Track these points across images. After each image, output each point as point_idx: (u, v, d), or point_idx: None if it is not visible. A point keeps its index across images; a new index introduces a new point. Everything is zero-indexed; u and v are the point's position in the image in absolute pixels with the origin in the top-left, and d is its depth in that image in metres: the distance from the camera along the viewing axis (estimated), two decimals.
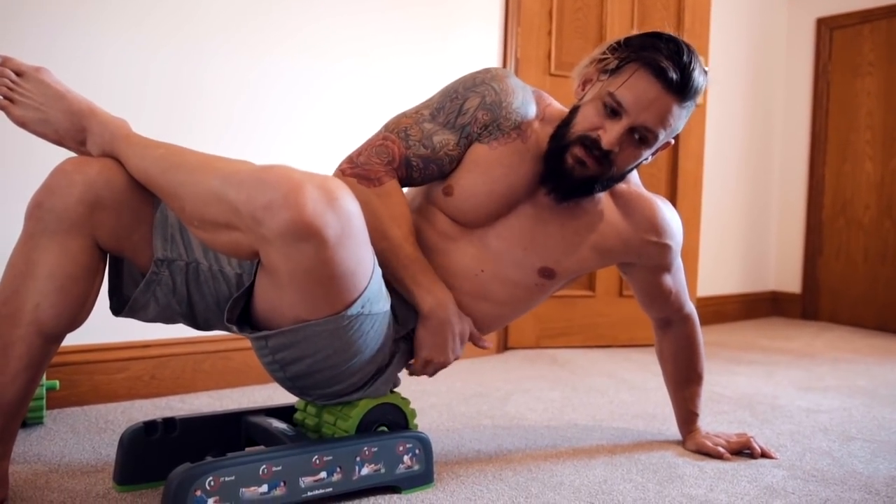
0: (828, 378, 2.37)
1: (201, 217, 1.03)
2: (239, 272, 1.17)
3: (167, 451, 1.25)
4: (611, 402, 1.96)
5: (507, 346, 2.68)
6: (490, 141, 1.26)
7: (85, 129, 1.13)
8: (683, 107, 1.20)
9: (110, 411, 1.69)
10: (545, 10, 2.64)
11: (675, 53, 1.17)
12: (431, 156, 1.25)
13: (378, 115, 2.20)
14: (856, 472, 1.44)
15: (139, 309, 1.16)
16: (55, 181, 1.07)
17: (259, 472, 1.09)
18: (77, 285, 1.08)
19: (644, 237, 1.36)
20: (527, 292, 1.34)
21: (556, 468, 1.41)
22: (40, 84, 1.13)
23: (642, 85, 1.17)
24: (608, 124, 1.19)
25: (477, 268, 1.30)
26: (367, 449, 1.20)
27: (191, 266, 1.14)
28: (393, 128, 1.25)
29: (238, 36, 1.95)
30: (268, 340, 1.10)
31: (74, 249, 1.07)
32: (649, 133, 1.20)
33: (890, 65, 3.57)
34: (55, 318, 1.07)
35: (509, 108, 1.25)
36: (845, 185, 3.75)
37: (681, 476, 1.39)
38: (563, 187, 1.25)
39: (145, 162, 1.08)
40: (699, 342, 1.56)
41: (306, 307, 1.04)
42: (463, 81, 1.27)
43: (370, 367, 1.20)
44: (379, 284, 1.11)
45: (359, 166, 1.22)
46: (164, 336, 1.84)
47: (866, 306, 3.64)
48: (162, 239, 1.13)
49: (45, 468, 1.32)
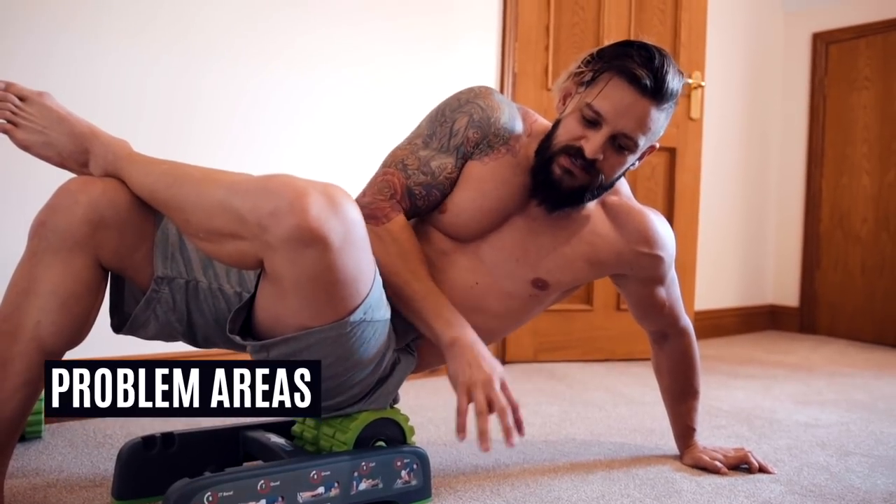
0: (826, 392, 2.37)
1: (207, 228, 1.05)
2: (238, 290, 1.19)
3: (165, 466, 1.25)
4: (608, 417, 1.96)
5: (505, 359, 2.68)
6: (482, 157, 1.29)
7: (87, 150, 1.15)
8: (661, 109, 1.22)
9: (108, 425, 1.69)
10: (542, 24, 2.66)
11: (646, 59, 1.19)
12: (432, 182, 1.28)
13: (375, 125, 2.23)
14: (853, 488, 1.44)
15: (139, 327, 1.17)
16: (59, 200, 1.09)
17: (257, 488, 1.09)
18: (79, 303, 1.09)
19: (636, 249, 1.37)
20: (521, 303, 1.36)
21: (554, 483, 1.41)
22: (43, 108, 1.15)
23: (618, 92, 1.19)
24: (590, 134, 1.21)
25: (471, 280, 1.32)
26: (364, 464, 1.20)
27: (190, 284, 1.16)
28: (390, 162, 1.29)
29: (236, 46, 1.97)
30: (270, 351, 1.11)
31: (77, 268, 1.08)
32: (630, 139, 1.21)
33: (886, 79, 3.60)
34: (56, 336, 1.08)
35: (497, 123, 1.28)
36: (842, 199, 3.77)
37: (678, 491, 1.39)
38: (552, 198, 1.27)
39: (149, 178, 1.10)
40: (696, 357, 1.56)
41: (310, 313, 1.06)
42: (448, 104, 1.30)
43: (371, 378, 1.21)
44: (380, 292, 1.13)
45: (365, 207, 1.24)
46: (163, 351, 1.83)
47: (864, 319, 3.64)
48: (162, 257, 1.14)
49: (44, 483, 1.32)
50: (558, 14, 2.69)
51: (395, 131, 2.30)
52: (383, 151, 2.05)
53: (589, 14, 2.74)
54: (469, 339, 1.20)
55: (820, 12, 3.84)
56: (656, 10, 2.82)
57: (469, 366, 1.16)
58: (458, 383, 1.16)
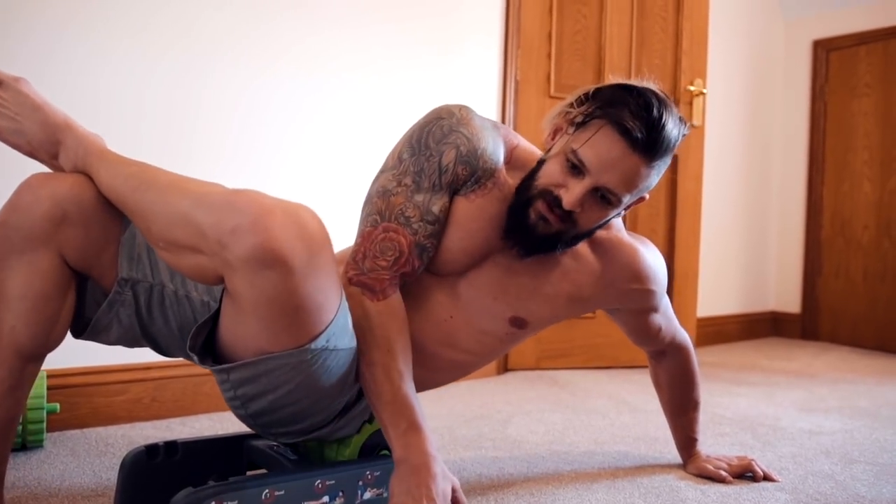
0: (829, 399, 2.36)
1: (167, 238, 1.00)
2: (206, 299, 1.13)
3: (169, 475, 1.24)
4: (612, 425, 1.96)
5: (507, 367, 2.67)
6: (468, 193, 1.20)
7: (59, 142, 1.10)
8: (652, 167, 1.13)
9: (111, 434, 1.68)
10: (545, 32, 2.66)
11: (643, 109, 1.10)
12: (439, 228, 1.19)
13: (377, 130, 2.23)
14: (859, 496, 1.43)
15: (101, 330, 1.13)
16: (20, 198, 1.05)
17: (262, 497, 1.09)
18: (49, 304, 1.06)
19: (626, 286, 1.32)
20: (496, 341, 1.30)
21: (559, 493, 1.41)
22: (18, 94, 1.10)
23: (606, 144, 1.11)
24: (571, 182, 1.13)
25: (446, 314, 1.26)
26: (369, 473, 1.20)
27: (155, 288, 1.12)
28: (387, 212, 1.17)
29: (238, 48, 1.96)
30: (229, 374, 1.05)
31: (43, 267, 1.05)
32: (613, 195, 1.14)
33: (886, 86, 3.60)
34: (32, 339, 1.05)
35: (484, 155, 1.18)
36: (844, 206, 3.77)
37: (683, 500, 1.38)
38: (525, 243, 1.20)
39: (116, 180, 1.05)
40: (694, 370, 1.54)
41: (269, 338, 0.99)
42: (430, 132, 1.18)
43: (335, 405, 1.15)
44: (345, 319, 1.06)
45: (364, 273, 1.15)
46: (165, 358, 1.83)
47: (866, 326, 3.64)
48: (128, 258, 1.10)
49: (46, 492, 1.32)
50: (560, 22, 2.69)
51: (397, 136, 2.31)
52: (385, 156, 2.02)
53: (591, 22, 2.74)
54: (420, 462, 1.08)
55: (820, 19, 3.85)
56: (658, 17, 2.83)
57: (408, 492, 1.06)
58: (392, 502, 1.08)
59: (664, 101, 1.13)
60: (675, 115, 1.14)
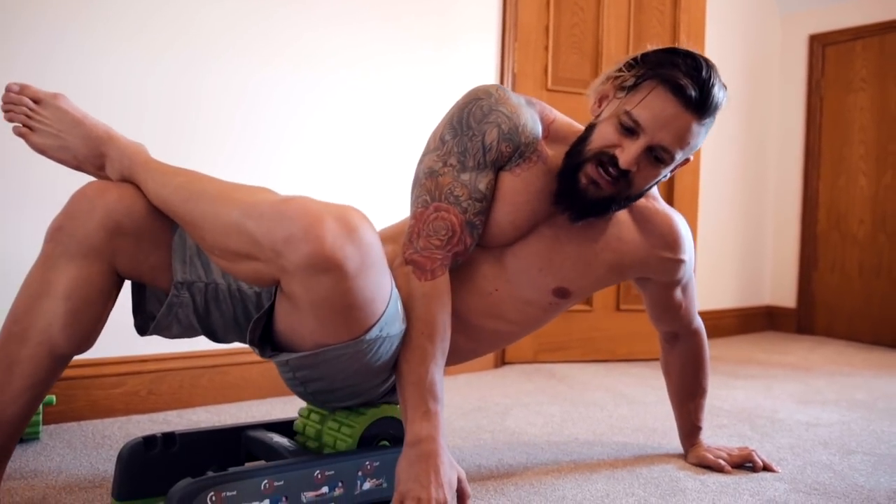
0: (826, 391, 2.37)
1: (222, 247, 1.03)
2: (258, 291, 1.18)
3: (166, 467, 1.24)
4: (610, 417, 1.95)
5: (505, 360, 2.67)
6: (513, 168, 1.23)
7: (103, 154, 1.14)
8: (703, 124, 1.17)
9: (107, 427, 1.67)
10: (542, 25, 2.66)
11: (693, 69, 1.14)
12: (487, 205, 1.22)
13: (376, 124, 2.22)
14: (857, 486, 1.43)
15: (163, 329, 1.18)
16: (76, 206, 1.08)
17: (261, 487, 1.08)
18: (91, 309, 1.08)
19: (660, 254, 1.35)
20: (539, 311, 1.33)
21: (558, 483, 1.40)
22: (58, 111, 1.14)
23: (660, 103, 1.14)
24: (626, 143, 1.16)
25: (491, 287, 1.29)
26: (369, 463, 1.19)
27: (210, 286, 1.15)
28: (437, 193, 1.19)
29: (238, 45, 1.96)
30: (289, 361, 1.11)
31: (92, 273, 1.07)
32: (666, 153, 1.17)
33: (882, 81, 3.61)
34: (66, 340, 1.07)
35: (525, 130, 1.21)
36: (839, 200, 3.77)
37: (683, 490, 1.38)
38: (577, 207, 1.22)
39: (165, 190, 1.08)
40: (706, 357, 1.56)
41: (326, 333, 1.03)
42: (470, 112, 1.21)
43: (389, 384, 1.22)
44: (395, 306, 1.10)
45: (417, 252, 1.18)
46: (161, 351, 1.82)
47: (861, 320, 3.65)
48: (181, 262, 1.14)
49: (42, 484, 1.31)
50: (557, 15, 2.68)
51: (396, 130, 2.31)
52: (384, 150, 2.07)
53: (588, 15, 2.74)
54: (430, 449, 1.09)
55: (816, 14, 3.86)
56: (655, 10, 2.82)
57: (416, 478, 1.06)
58: (397, 489, 1.08)
59: (710, 63, 1.16)
60: (720, 78, 1.18)
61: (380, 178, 2.25)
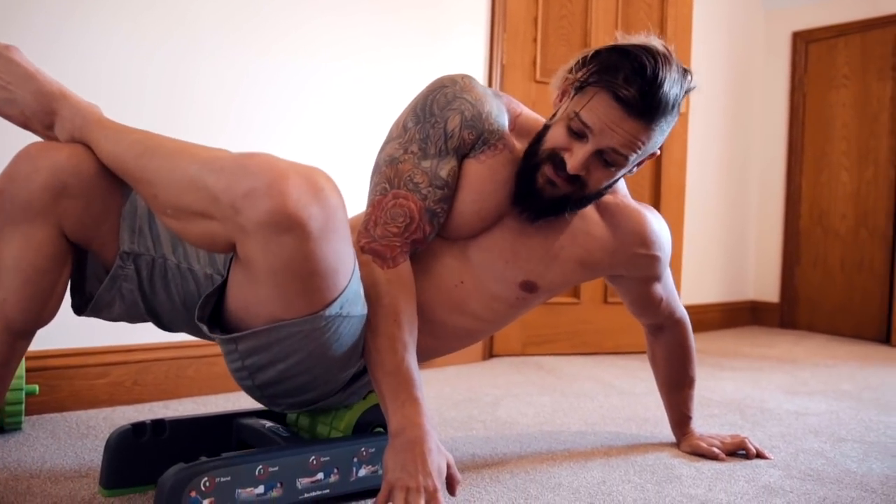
0: (812, 382, 2.38)
1: (175, 205, 0.96)
2: (209, 272, 1.11)
3: (156, 454, 1.21)
4: (601, 407, 1.95)
5: (493, 353, 2.66)
6: (478, 154, 1.20)
7: (54, 111, 1.05)
8: (653, 128, 1.11)
9: (91, 417, 1.64)
10: (530, 16, 2.65)
11: (637, 73, 1.07)
12: (449, 193, 1.19)
13: (366, 115, 2.20)
14: (850, 472, 1.44)
15: (104, 307, 1.10)
16: (18, 167, 1.00)
17: (255, 473, 1.06)
18: (44, 277, 1.01)
19: (632, 250, 1.33)
20: (506, 306, 1.29)
21: (553, 470, 1.39)
22: (9, 63, 1.05)
23: (603, 109, 1.10)
24: (575, 146, 1.13)
25: (456, 279, 1.25)
26: (364, 450, 1.17)
27: (158, 261, 1.08)
28: (396, 180, 1.16)
29: (233, 37, 1.94)
30: (238, 343, 1.02)
31: (40, 239, 1.00)
32: (618, 155, 1.13)
33: (864, 77, 3.65)
34: (23, 313, 1.01)
35: (489, 118, 1.19)
36: (822, 196, 3.81)
37: (678, 476, 1.37)
38: (534, 207, 1.20)
39: (119, 147, 1.01)
40: (691, 346, 1.55)
41: (282, 305, 0.97)
42: (434, 99, 1.18)
43: (344, 375, 1.13)
44: (358, 286, 1.05)
45: (375, 241, 1.14)
46: (147, 340, 1.79)
47: (843, 315, 3.68)
48: (129, 231, 1.07)
49: (26, 473, 1.27)
50: (546, 6, 2.68)
51: (385, 122, 2.28)
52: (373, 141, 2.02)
53: (576, 7, 2.73)
54: (415, 436, 1.04)
55: (800, 11, 3.89)
56: (643, 3, 2.83)
57: (403, 466, 1.02)
58: (385, 479, 1.03)
59: (661, 59, 1.09)
60: (675, 72, 1.11)
61: (370, 168, 2.23)
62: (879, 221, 3.57)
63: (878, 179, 3.58)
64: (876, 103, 3.60)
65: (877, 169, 3.59)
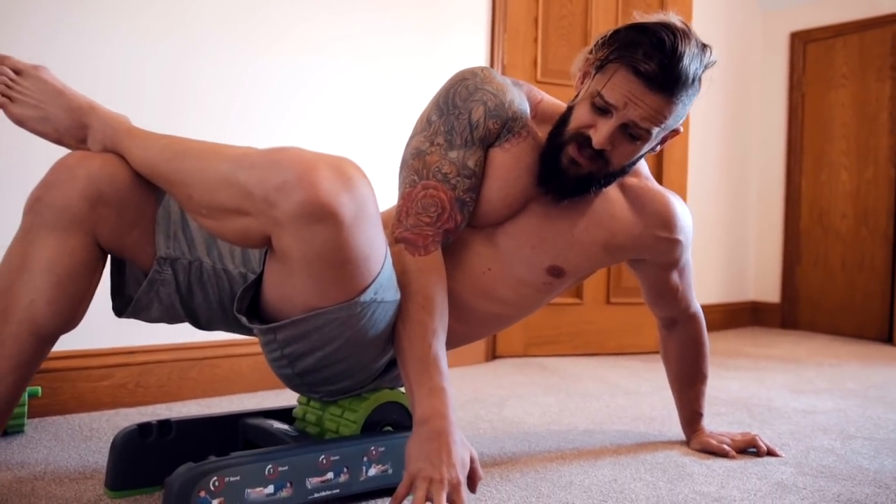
0: (817, 381, 2.37)
1: (210, 203, 0.99)
2: (243, 271, 1.14)
3: (162, 455, 1.19)
4: (607, 406, 1.94)
5: (496, 354, 2.64)
6: (502, 143, 1.22)
7: (85, 125, 1.10)
8: (674, 101, 1.12)
9: (94, 420, 1.62)
10: (531, 17, 2.64)
11: (656, 48, 1.08)
12: (476, 182, 1.21)
13: (368, 115, 2.19)
14: (862, 468, 1.43)
15: (142, 309, 1.12)
16: (56, 176, 1.03)
17: (265, 473, 1.04)
18: (75, 283, 1.03)
19: (655, 233, 1.33)
20: (534, 291, 1.31)
21: (564, 469, 1.38)
22: (38, 81, 1.10)
23: (624, 84, 1.11)
24: (599, 122, 1.15)
25: (484, 266, 1.27)
26: (374, 449, 1.16)
27: (194, 264, 1.12)
28: (424, 171, 1.18)
29: (232, 35, 1.93)
30: (277, 333, 1.05)
31: (74, 246, 1.02)
32: (641, 129, 1.14)
33: (862, 77, 3.65)
34: (50, 317, 1.02)
35: (512, 106, 1.20)
36: (822, 195, 3.81)
37: (690, 474, 1.36)
38: (559, 187, 1.22)
39: (150, 152, 1.04)
40: (705, 341, 1.55)
41: (318, 294, 1.00)
42: (456, 92, 1.20)
43: (380, 361, 1.15)
44: (391, 271, 1.07)
45: (407, 229, 1.16)
46: (149, 343, 1.77)
47: (845, 315, 3.68)
48: (164, 236, 1.10)
49: (30, 475, 1.25)
50: (546, 6, 2.67)
51: (387, 121, 2.28)
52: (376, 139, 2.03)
53: (577, 7, 2.73)
54: (441, 426, 1.04)
55: (797, 12, 3.90)
56: (642, 3, 2.82)
57: (426, 457, 1.01)
58: (407, 469, 1.03)
59: (679, 34, 1.10)
60: (695, 47, 1.12)
61: (372, 166, 2.21)
62: (880, 220, 3.57)
63: (878, 178, 3.58)
64: (875, 102, 3.60)
65: (876, 168, 3.59)
